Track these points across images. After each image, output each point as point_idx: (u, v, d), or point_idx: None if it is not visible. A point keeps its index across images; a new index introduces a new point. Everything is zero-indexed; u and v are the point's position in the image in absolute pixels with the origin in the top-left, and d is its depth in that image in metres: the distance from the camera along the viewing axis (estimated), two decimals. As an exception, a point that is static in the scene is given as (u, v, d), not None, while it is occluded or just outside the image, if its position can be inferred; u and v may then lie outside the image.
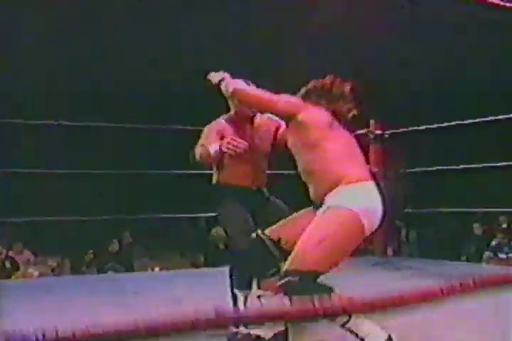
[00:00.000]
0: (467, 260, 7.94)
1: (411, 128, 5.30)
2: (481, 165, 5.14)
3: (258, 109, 2.61)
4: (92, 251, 7.87)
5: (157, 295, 3.61)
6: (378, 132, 5.20)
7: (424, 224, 9.09)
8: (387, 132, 5.22)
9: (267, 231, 2.45)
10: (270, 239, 2.41)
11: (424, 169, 5.50)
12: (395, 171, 5.35)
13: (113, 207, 7.49)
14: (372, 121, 5.24)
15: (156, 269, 7.91)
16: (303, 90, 2.51)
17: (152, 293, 3.69)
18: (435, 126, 5.14)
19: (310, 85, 2.51)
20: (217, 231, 7.49)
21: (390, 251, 5.31)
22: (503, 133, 7.28)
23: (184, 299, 3.31)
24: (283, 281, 2.16)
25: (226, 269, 2.79)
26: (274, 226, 2.48)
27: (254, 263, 2.43)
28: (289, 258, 2.22)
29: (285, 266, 2.23)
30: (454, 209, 7.37)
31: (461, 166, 5.19)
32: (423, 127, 5.23)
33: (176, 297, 3.42)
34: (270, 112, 2.53)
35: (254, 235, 2.47)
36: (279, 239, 2.40)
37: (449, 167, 5.35)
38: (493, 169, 5.31)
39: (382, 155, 5.23)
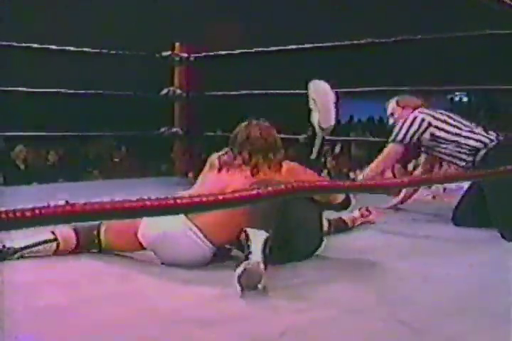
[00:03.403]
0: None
1: (216, 53, 5.43)
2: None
3: None
4: None
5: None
6: (184, 55, 5.26)
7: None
8: (192, 55, 5.30)
9: None
10: None
11: (228, 93, 5.64)
12: (198, 93, 5.49)
13: None
14: (177, 44, 5.29)
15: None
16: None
17: None
18: (240, 51, 5.31)
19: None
20: (21, 150, 7.26)
21: (190, 174, 5.51)
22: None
23: None
24: None
25: (26, 188, 2.79)
26: None
27: None
28: None
29: None
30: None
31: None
32: (227, 52, 5.38)
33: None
34: None
35: None
36: None
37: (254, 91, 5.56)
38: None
39: (186, 78, 5.33)
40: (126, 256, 2.60)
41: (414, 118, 3.44)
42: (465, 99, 13.27)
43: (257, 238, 2.23)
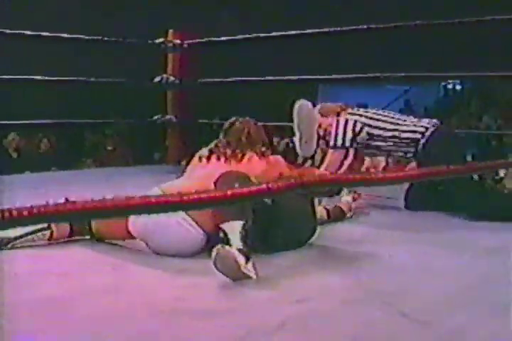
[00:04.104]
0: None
1: (209, 39, 5.39)
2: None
3: None
4: None
5: None
6: (177, 41, 5.22)
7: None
8: (186, 42, 5.26)
9: None
10: None
11: (222, 80, 5.60)
12: (192, 80, 5.45)
13: None
14: (170, 31, 5.24)
15: None
16: None
17: None
18: (234, 37, 5.27)
19: None
20: (14, 138, 7.20)
21: (183, 162, 5.49)
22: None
23: None
24: None
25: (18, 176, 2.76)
26: None
27: None
28: None
29: None
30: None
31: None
32: (220, 38, 5.34)
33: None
34: None
35: None
36: None
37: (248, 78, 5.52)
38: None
39: (180, 65, 5.28)
40: (119, 246, 2.58)
41: (346, 122, 3.49)
42: (458, 87, 13.24)
43: (234, 229, 2.22)
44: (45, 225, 2.52)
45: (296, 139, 2.69)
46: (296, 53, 8.22)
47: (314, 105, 3.49)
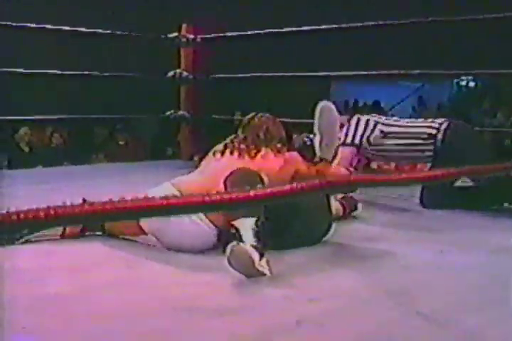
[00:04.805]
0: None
1: (223, 34, 5.36)
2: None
3: None
4: None
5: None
6: (190, 36, 5.19)
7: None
8: (199, 36, 5.23)
9: None
10: None
11: (236, 75, 5.57)
12: (205, 75, 5.42)
13: None
14: (184, 25, 5.21)
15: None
16: None
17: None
18: (249, 32, 5.23)
19: None
20: (26, 132, 7.20)
21: (196, 157, 5.47)
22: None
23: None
24: None
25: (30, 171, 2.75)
26: None
27: None
28: None
29: None
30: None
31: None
32: (234, 33, 5.31)
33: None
34: None
35: None
36: None
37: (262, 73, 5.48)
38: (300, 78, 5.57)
39: (193, 60, 5.26)
40: (132, 241, 2.56)
41: (358, 120, 3.46)
42: (472, 84, 13.14)
43: (246, 226, 2.19)
44: None
45: (316, 140, 2.63)
46: (310, 48, 8.17)
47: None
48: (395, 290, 2.04)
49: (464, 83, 13.32)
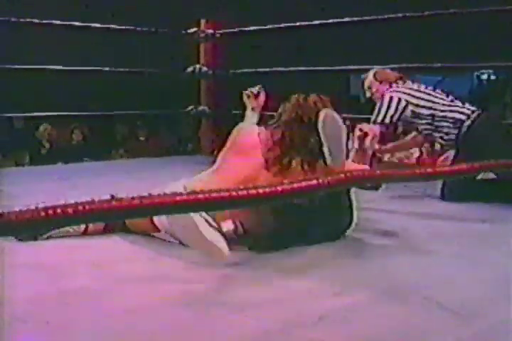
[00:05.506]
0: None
1: (242, 29, 5.35)
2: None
3: None
4: None
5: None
6: (210, 31, 5.19)
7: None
8: (218, 31, 5.22)
9: None
10: None
11: (256, 70, 5.55)
12: (225, 71, 5.41)
13: None
14: (203, 20, 5.21)
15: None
16: None
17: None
18: (268, 26, 5.21)
19: None
20: (46, 128, 7.24)
21: (216, 152, 5.48)
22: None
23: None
24: None
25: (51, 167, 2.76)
26: None
27: None
28: None
29: None
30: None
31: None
32: (253, 28, 5.29)
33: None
34: None
35: None
36: None
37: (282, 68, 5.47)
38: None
39: (212, 55, 5.26)
40: (150, 237, 2.55)
41: (391, 99, 3.46)
42: (493, 77, 13.01)
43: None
44: None
45: (325, 151, 2.53)
46: (330, 43, 8.13)
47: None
48: (418, 284, 2.03)
49: (484, 76, 13.19)
